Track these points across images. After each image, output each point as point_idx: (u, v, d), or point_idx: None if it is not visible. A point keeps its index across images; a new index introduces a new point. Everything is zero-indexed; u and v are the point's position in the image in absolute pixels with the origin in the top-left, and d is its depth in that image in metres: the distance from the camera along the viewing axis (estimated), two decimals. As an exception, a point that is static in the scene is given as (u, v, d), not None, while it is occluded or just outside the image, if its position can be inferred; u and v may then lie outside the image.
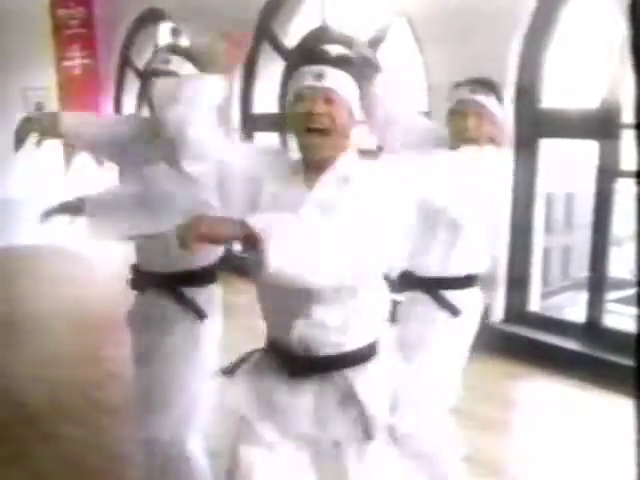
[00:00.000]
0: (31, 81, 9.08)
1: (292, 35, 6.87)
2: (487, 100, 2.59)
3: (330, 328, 1.82)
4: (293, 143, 1.89)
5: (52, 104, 9.22)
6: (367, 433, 1.83)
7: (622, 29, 4.28)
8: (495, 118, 2.62)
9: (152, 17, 8.46)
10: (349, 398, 1.84)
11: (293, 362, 1.87)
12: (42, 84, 9.16)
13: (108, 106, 9.36)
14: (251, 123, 7.36)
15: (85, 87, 9.23)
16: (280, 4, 6.81)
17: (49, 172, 8.39)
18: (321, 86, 1.79)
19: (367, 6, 6.16)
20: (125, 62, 9.05)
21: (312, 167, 1.85)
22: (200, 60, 2.16)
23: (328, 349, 1.84)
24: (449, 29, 4.98)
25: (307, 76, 1.81)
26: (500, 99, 2.65)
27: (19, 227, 8.34)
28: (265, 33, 6.89)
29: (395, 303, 2.56)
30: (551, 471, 3.44)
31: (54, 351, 5.11)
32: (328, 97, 1.79)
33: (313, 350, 1.84)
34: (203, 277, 2.66)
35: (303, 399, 1.86)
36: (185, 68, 2.50)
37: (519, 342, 4.86)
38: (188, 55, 2.56)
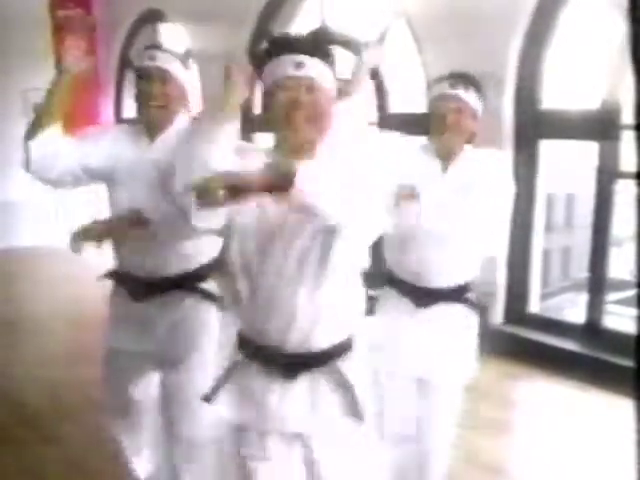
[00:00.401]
0: (31, 82, 9.08)
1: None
2: (466, 94, 2.55)
3: (321, 322, 1.83)
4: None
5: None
6: (359, 416, 1.88)
7: (622, 30, 4.29)
8: (475, 113, 2.58)
9: (151, 18, 8.46)
10: (340, 386, 1.89)
11: (285, 361, 1.87)
12: (42, 85, 9.15)
13: (108, 107, 9.36)
14: (250, 124, 7.34)
15: (85, 88, 9.23)
16: (280, 5, 6.81)
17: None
18: (303, 75, 1.77)
19: (366, 7, 6.15)
20: (125, 63, 9.05)
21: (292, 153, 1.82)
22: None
23: (322, 343, 1.86)
24: (448, 29, 4.98)
25: (287, 65, 1.78)
26: (480, 93, 2.60)
27: (19, 229, 8.36)
28: (265, 34, 6.89)
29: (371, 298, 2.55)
30: (551, 472, 3.44)
31: (54, 351, 5.11)
32: (310, 85, 1.78)
33: (306, 347, 1.85)
34: (196, 280, 2.64)
35: (297, 396, 1.88)
36: (171, 64, 2.52)
37: (519, 343, 4.85)
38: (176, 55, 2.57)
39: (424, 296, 2.64)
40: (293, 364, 1.87)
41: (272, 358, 1.87)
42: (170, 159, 2.38)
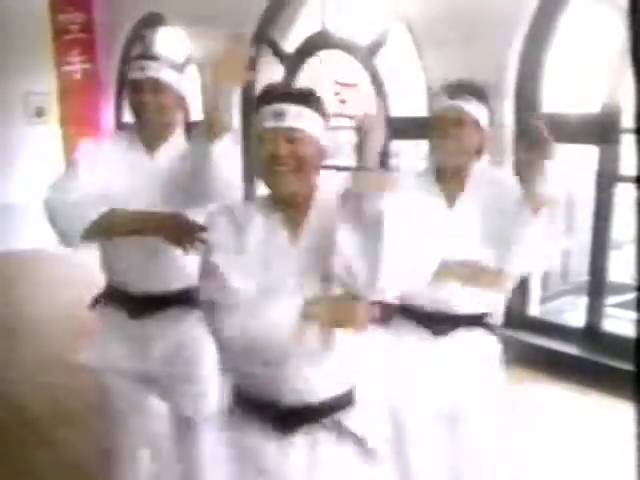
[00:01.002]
0: (32, 86, 9.10)
1: (292, 40, 6.88)
2: (468, 104, 2.29)
3: (325, 371, 1.77)
4: None
5: (53, 109, 9.25)
6: (371, 456, 1.83)
7: (622, 34, 4.29)
8: (479, 124, 2.31)
9: (152, 22, 8.47)
10: (343, 432, 1.81)
11: (283, 415, 1.78)
12: (43, 89, 9.18)
13: (109, 111, 9.37)
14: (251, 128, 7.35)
15: (85, 92, 9.24)
16: (280, 9, 6.82)
17: (49, 176, 8.39)
18: (282, 126, 1.70)
19: (367, 11, 6.16)
20: (125, 67, 9.06)
21: (286, 205, 1.79)
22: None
23: (322, 394, 1.79)
24: (449, 33, 4.99)
25: (267, 116, 1.71)
26: (484, 102, 2.34)
27: (19, 231, 8.35)
28: (265, 38, 6.90)
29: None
30: (551, 475, 3.44)
31: (53, 355, 5.10)
32: (291, 137, 1.71)
33: (306, 398, 1.77)
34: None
35: (296, 449, 1.79)
36: (163, 72, 2.42)
37: (518, 346, 4.85)
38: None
39: (443, 323, 2.43)
40: (290, 418, 1.78)
41: (268, 416, 1.79)
42: (174, 174, 2.34)
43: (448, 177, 2.38)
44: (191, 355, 2.53)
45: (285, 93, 1.77)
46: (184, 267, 2.42)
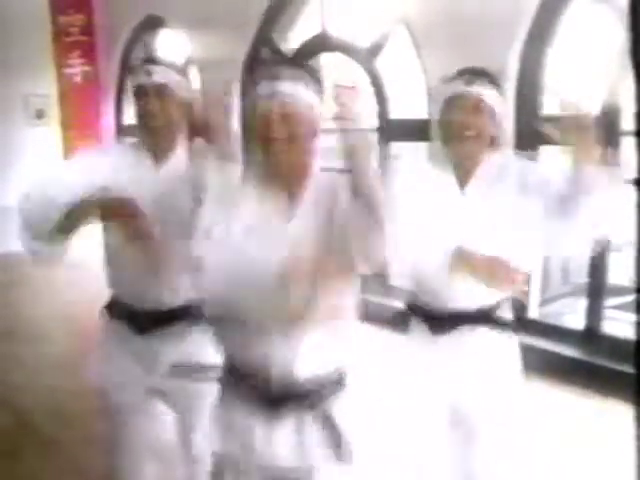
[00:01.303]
0: (32, 88, 9.11)
1: (292, 42, 6.89)
2: (486, 91, 2.25)
3: (312, 352, 1.79)
4: None
5: (53, 111, 9.26)
6: (345, 458, 1.82)
7: (622, 36, 4.29)
8: (496, 113, 2.28)
9: (152, 24, 8.48)
10: (328, 425, 1.82)
11: (271, 393, 1.80)
12: (43, 91, 9.19)
13: (109, 113, 9.37)
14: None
15: (86, 94, 9.25)
16: (281, 10, 6.82)
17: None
18: (277, 94, 1.76)
19: (367, 13, 6.16)
20: (125, 69, 9.07)
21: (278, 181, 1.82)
22: None
23: (309, 374, 1.80)
24: (448, 35, 5.00)
25: (263, 87, 1.77)
26: (499, 90, 2.31)
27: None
28: (265, 40, 6.90)
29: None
30: (550, 477, 3.43)
31: (54, 357, 5.10)
32: (285, 106, 1.76)
33: (294, 377, 1.79)
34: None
35: (283, 431, 1.81)
36: (169, 76, 2.37)
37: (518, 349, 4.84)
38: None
39: (447, 320, 2.34)
40: (278, 399, 1.80)
41: (257, 392, 1.81)
42: (181, 189, 2.25)
43: (461, 164, 2.33)
44: (197, 370, 2.47)
45: (281, 65, 1.83)
46: (185, 283, 2.31)
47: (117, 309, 2.52)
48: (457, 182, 2.33)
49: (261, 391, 1.81)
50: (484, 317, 2.39)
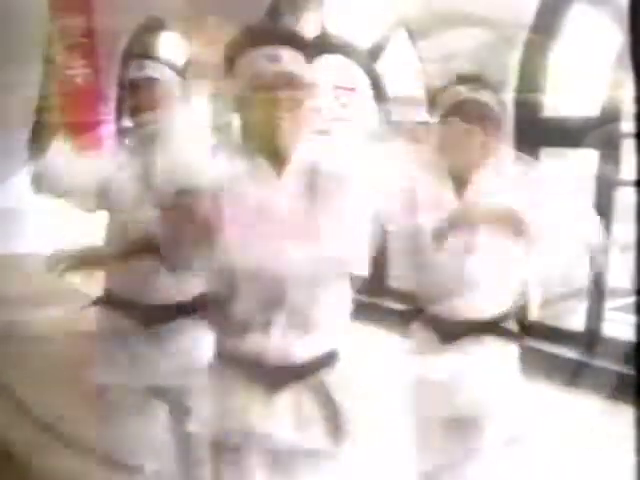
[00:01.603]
0: (33, 90, 9.10)
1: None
2: (487, 97, 2.20)
3: (307, 331, 1.79)
4: None
5: (54, 113, 9.25)
6: (341, 437, 1.82)
7: (622, 38, 4.29)
8: (497, 119, 2.24)
9: (152, 27, 8.48)
10: (325, 401, 1.82)
11: (269, 373, 1.79)
12: (44, 93, 9.18)
13: (109, 115, 9.37)
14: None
15: (86, 96, 9.25)
16: (281, 14, 6.82)
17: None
18: (280, 70, 1.70)
19: (367, 15, 6.17)
20: (126, 71, 9.07)
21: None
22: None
23: (306, 354, 1.80)
24: (449, 37, 5.00)
25: (262, 59, 1.70)
26: (499, 97, 2.27)
27: (19, 235, 8.35)
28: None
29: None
30: (550, 479, 3.43)
31: (54, 359, 5.10)
32: (288, 81, 1.71)
33: (291, 357, 1.79)
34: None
35: (281, 406, 1.80)
36: (162, 72, 2.42)
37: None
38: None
39: (455, 329, 2.32)
40: (275, 377, 1.80)
41: (253, 370, 1.81)
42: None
43: (459, 170, 2.30)
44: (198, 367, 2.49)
45: (273, 35, 1.77)
46: (191, 275, 2.33)
47: (116, 303, 2.49)
48: (454, 188, 2.31)
49: (258, 373, 1.80)
50: (493, 327, 2.37)
